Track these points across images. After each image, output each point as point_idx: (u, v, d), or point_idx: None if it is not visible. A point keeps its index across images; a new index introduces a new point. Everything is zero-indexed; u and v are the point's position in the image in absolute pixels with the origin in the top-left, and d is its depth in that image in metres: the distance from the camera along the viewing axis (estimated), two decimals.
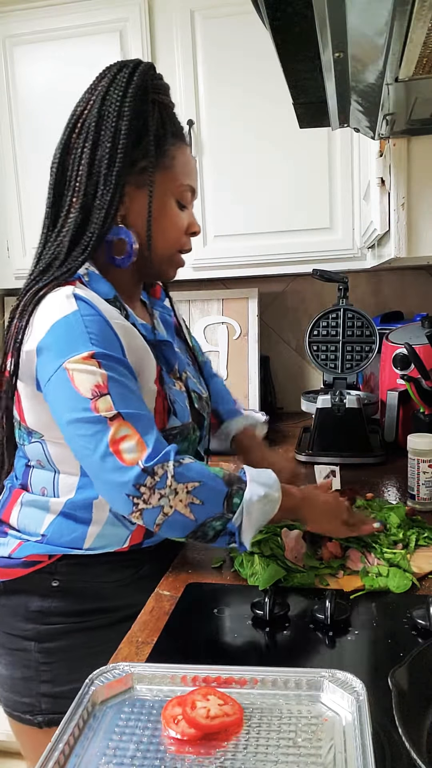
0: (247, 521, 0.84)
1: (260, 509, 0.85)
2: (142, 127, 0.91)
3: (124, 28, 1.87)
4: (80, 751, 0.58)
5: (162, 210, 0.95)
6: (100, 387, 0.82)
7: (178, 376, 1.01)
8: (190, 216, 1.00)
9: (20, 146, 2.01)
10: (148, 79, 0.92)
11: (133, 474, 0.80)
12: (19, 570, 0.95)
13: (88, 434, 0.82)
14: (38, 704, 0.96)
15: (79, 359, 0.82)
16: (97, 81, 0.93)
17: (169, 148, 0.95)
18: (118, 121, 0.89)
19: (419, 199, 1.14)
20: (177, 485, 0.81)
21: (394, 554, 0.95)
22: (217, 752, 0.58)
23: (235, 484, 0.85)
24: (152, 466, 0.80)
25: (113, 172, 0.90)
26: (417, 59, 0.73)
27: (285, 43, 0.72)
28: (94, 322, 0.84)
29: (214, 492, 0.83)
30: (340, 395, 1.54)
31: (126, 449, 0.81)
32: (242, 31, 1.78)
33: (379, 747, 0.58)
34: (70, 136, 0.94)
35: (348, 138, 1.79)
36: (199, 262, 1.94)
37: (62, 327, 0.84)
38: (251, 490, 0.85)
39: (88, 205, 0.92)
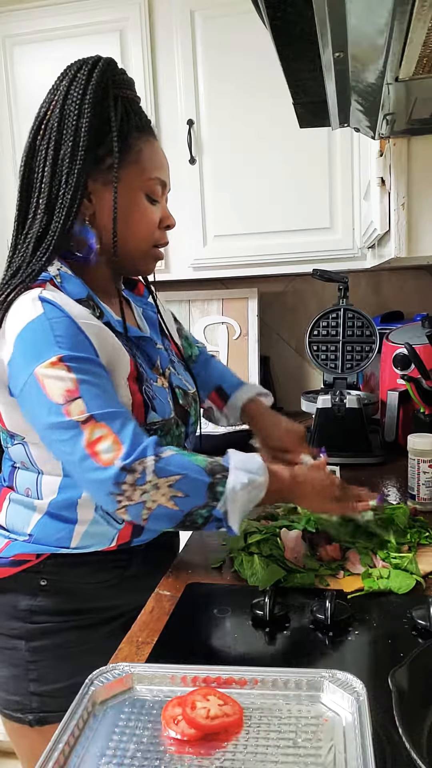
0: (232, 508, 0.84)
1: (244, 496, 0.85)
2: (104, 123, 0.90)
3: (124, 28, 1.87)
4: (80, 751, 0.58)
5: (130, 205, 0.94)
6: (70, 391, 0.82)
7: (161, 372, 1.02)
8: (164, 209, 0.99)
9: (20, 146, 2.00)
10: (109, 75, 0.92)
11: (112, 473, 0.80)
12: (7, 569, 0.95)
13: (65, 439, 0.82)
14: (28, 703, 0.97)
15: (47, 365, 0.82)
16: (58, 81, 0.93)
17: (134, 142, 0.93)
18: (79, 120, 0.89)
19: (419, 199, 1.14)
20: (158, 480, 0.81)
21: (402, 558, 0.94)
22: (217, 752, 0.58)
23: (218, 473, 0.84)
24: (131, 464, 0.80)
25: (74, 170, 0.89)
26: (417, 59, 0.73)
27: (285, 43, 0.72)
28: (60, 325, 0.84)
29: (196, 483, 0.83)
30: (340, 395, 1.54)
31: (102, 450, 0.81)
32: (242, 31, 1.78)
33: (379, 747, 0.58)
34: (35, 138, 0.94)
35: (348, 138, 1.79)
36: (199, 262, 1.94)
37: (29, 333, 0.84)
38: (235, 478, 0.84)
39: (51, 205, 0.91)
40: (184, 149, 1.88)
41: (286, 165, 1.84)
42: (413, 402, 1.56)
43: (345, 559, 0.98)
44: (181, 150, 1.88)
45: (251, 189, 1.88)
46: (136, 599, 0.94)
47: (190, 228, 1.92)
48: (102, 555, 0.96)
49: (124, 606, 0.98)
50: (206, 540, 1.13)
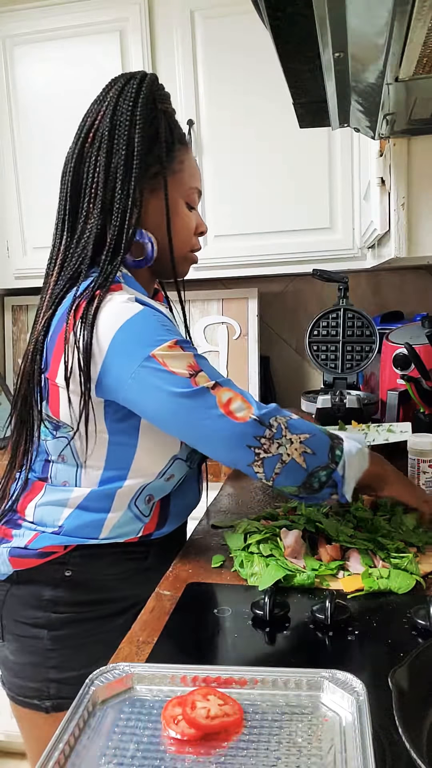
0: (348, 473, 0.92)
1: (357, 462, 0.93)
2: (154, 134, 0.97)
3: (124, 28, 1.87)
4: (80, 751, 0.58)
5: (174, 212, 1.01)
6: (192, 366, 0.89)
7: None
8: (198, 216, 1.07)
9: (20, 146, 2.01)
10: (155, 90, 0.98)
11: (250, 427, 0.88)
12: (34, 560, 0.98)
13: (196, 406, 0.88)
14: (46, 689, 0.99)
15: (165, 347, 0.88)
16: (105, 92, 0.99)
17: (177, 153, 1.01)
18: (131, 130, 0.95)
19: (419, 199, 1.14)
20: (292, 435, 0.89)
21: (402, 558, 0.94)
22: (217, 752, 0.58)
23: (335, 438, 0.93)
24: (267, 419, 0.88)
25: (130, 178, 0.95)
26: (417, 59, 0.73)
27: (285, 43, 0.72)
28: (163, 317, 0.92)
29: (322, 443, 0.91)
30: (341, 395, 1.55)
31: (236, 409, 0.88)
32: (242, 31, 1.78)
33: (379, 747, 0.58)
34: (83, 146, 0.98)
35: (348, 138, 1.79)
36: (199, 262, 1.94)
37: (134, 326, 0.89)
38: (349, 444, 0.93)
39: (106, 211, 0.96)
40: None
41: (286, 165, 1.84)
42: (413, 402, 1.56)
43: (345, 559, 0.98)
44: None
45: (251, 189, 1.88)
46: (149, 591, 0.96)
47: None
48: (124, 546, 1.00)
49: (137, 597, 0.99)
50: (206, 540, 1.13)
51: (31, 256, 2.06)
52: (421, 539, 1.01)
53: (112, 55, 1.89)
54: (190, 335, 1.20)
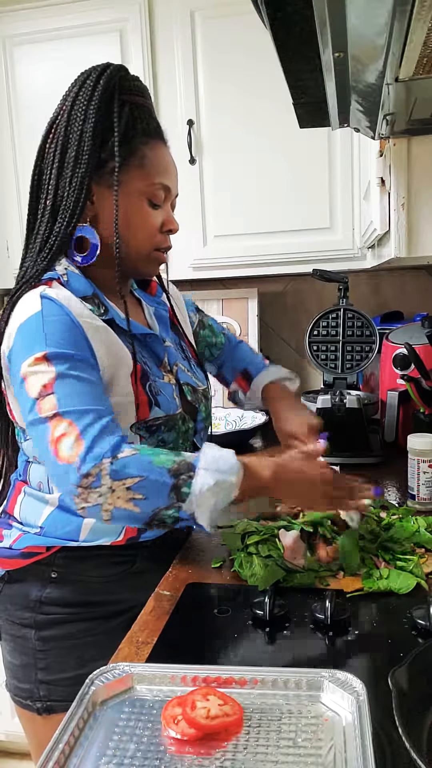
0: (200, 510, 0.82)
1: (211, 498, 0.82)
2: (108, 128, 0.92)
3: (124, 28, 1.87)
4: (80, 751, 0.58)
5: (131, 209, 0.95)
6: (46, 387, 0.83)
7: (168, 368, 1.04)
8: (167, 214, 0.99)
9: (20, 146, 2.01)
10: (116, 81, 0.93)
11: (69, 473, 0.80)
12: (20, 561, 0.99)
13: (36, 435, 0.84)
14: (36, 691, 0.99)
15: (32, 361, 0.84)
16: (69, 88, 0.96)
17: (138, 147, 0.94)
18: (84, 124, 0.92)
19: (419, 199, 1.14)
20: (113, 483, 0.80)
21: (408, 561, 0.94)
22: (217, 752, 0.58)
23: (183, 474, 0.81)
24: (86, 466, 0.79)
25: (78, 173, 0.92)
26: (417, 59, 0.73)
27: (285, 43, 0.72)
28: (54, 322, 0.86)
29: (157, 485, 0.80)
30: (340, 395, 1.54)
31: (64, 446, 0.81)
32: (242, 32, 1.78)
33: (379, 747, 0.58)
34: (44, 142, 0.97)
35: (348, 138, 1.79)
36: (199, 262, 1.94)
37: (24, 330, 0.87)
38: (202, 480, 0.81)
39: (56, 207, 0.94)
40: (184, 149, 1.88)
41: (286, 165, 1.84)
42: (413, 402, 1.56)
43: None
44: (181, 150, 1.88)
45: (251, 189, 1.88)
46: (142, 595, 0.95)
47: (190, 228, 1.92)
48: (110, 549, 0.98)
49: (130, 601, 0.99)
50: (206, 540, 1.13)
51: None
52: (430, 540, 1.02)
53: (112, 55, 1.89)
54: (184, 331, 1.16)
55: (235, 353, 1.31)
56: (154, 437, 0.96)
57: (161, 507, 0.82)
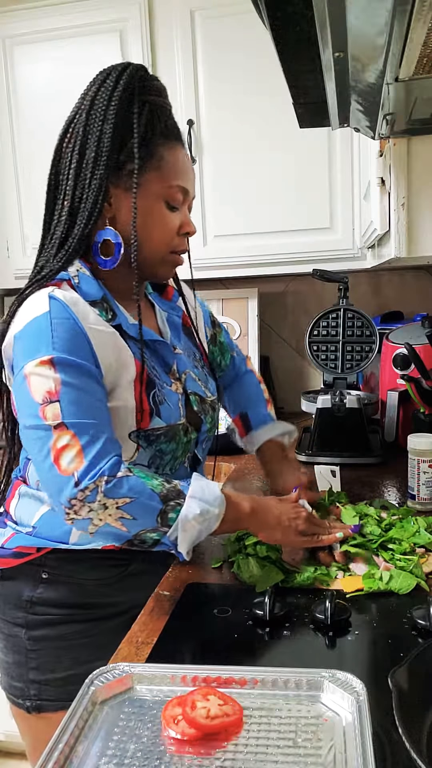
0: (183, 536, 0.85)
1: (196, 526, 0.86)
2: (127, 129, 0.91)
3: (124, 28, 1.87)
4: (80, 751, 0.58)
5: (149, 211, 0.94)
6: (51, 393, 0.83)
7: (177, 376, 1.02)
8: (184, 216, 0.98)
9: (20, 146, 2.01)
10: (136, 81, 0.92)
11: (67, 487, 0.82)
12: (11, 560, 0.99)
13: (35, 438, 0.85)
14: (27, 690, 1.00)
15: (37, 363, 0.84)
16: (88, 86, 0.94)
17: (157, 149, 0.93)
18: (103, 125, 0.90)
19: (419, 199, 1.14)
20: (107, 500, 0.82)
21: (408, 561, 0.94)
22: (217, 752, 0.58)
23: (172, 500, 0.85)
24: (85, 482, 0.82)
25: (97, 175, 0.91)
26: (417, 59, 0.73)
27: (285, 43, 0.72)
28: (61, 325, 0.86)
29: (146, 508, 0.84)
30: (340, 395, 1.54)
31: (65, 459, 0.82)
32: (242, 31, 1.78)
33: (379, 747, 0.58)
34: (62, 142, 0.96)
35: (348, 138, 1.79)
36: (199, 262, 1.93)
37: (31, 328, 0.86)
38: (188, 508, 0.85)
39: (74, 208, 0.93)
40: None
41: (286, 165, 1.84)
42: (413, 402, 1.56)
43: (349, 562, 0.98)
44: None
45: (251, 189, 1.88)
46: (136, 597, 0.95)
47: None
48: (102, 552, 0.97)
49: (124, 603, 0.99)
50: (206, 540, 1.13)
51: (31, 256, 2.04)
52: None
53: (112, 55, 1.89)
54: (198, 336, 1.15)
55: (240, 386, 1.29)
56: (152, 447, 0.95)
57: (146, 528, 0.85)
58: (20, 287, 0.96)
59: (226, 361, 1.28)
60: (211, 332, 1.24)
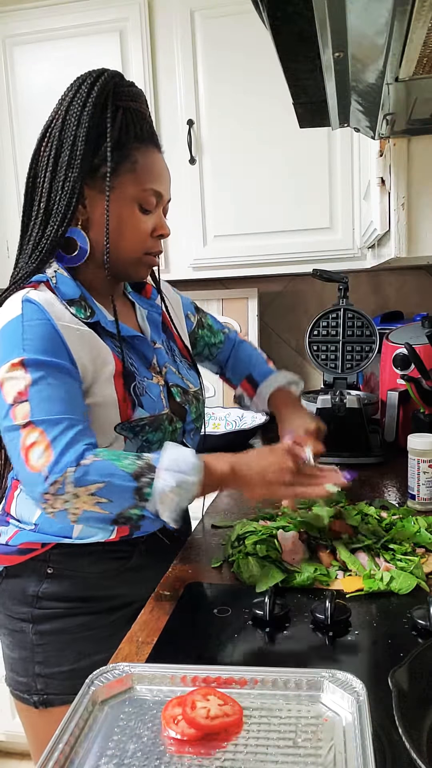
0: (163, 507, 0.85)
1: (174, 497, 0.85)
2: (101, 133, 0.93)
3: (124, 28, 1.87)
4: (80, 751, 0.58)
5: (122, 214, 0.96)
6: (21, 394, 0.85)
7: (158, 370, 1.05)
8: (158, 219, 1.00)
9: (20, 146, 2.01)
10: (110, 86, 0.94)
11: (38, 483, 0.84)
12: (17, 557, 1.01)
13: (8, 440, 0.87)
14: (34, 684, 1.01)
15: (9, 366, 0.86)
16: (65, 92, 0.97)
17: (131, 152, 0.95)
18: (78, 129, 0.93)
19: (419, 199, 1.14)
20: (77, 490, 0.83)
21: (409, 562, 0.94)
22: (217, 752, 0.58)
23: (145, 476, 0.85)
24: (52, 476, 0.83)
25: (70, 177, 0.93)
26: (417, 59, 0.74)
27: (285, 43, 0.72)
28: (34, 327, 0.87)
29: (120, 489, 0.84)
30: (341, 395, 1.54)
31: (33, 455, 0.84)
32: (242, 31, 1.78)
33: (379, 747, 0.58)
34: (39, 147, 0.98)
35: (348, 138, 1.79)
36: (199, 262, 1.94)
37: (4, 334, 0.88)
38: (163, 481, 0.84)
39: (49, 210, 0.96)
40: (184, 149, 1.88)
41: (286, 165, 1.84)
42: (413, 402, 1.56)
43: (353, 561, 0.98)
44: (181, 150, 1.88)
45: (251, 189, 1.88)
46: (139, 590, 0.98)
47: (190, 228, 1.92)
48: (104, 546, 0.99)
49: (127, 596, 1.01)
50: (206, 540, 1.13)
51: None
52: None
53: (112, 55, 1.89)
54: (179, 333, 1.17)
55: (238, 355, 1.32)
56: (138, 438, 0.96)
57: (126, 507, 0.85)
58: None
59: (219, 339, 1.32)
60: (197, 318, 1.28)
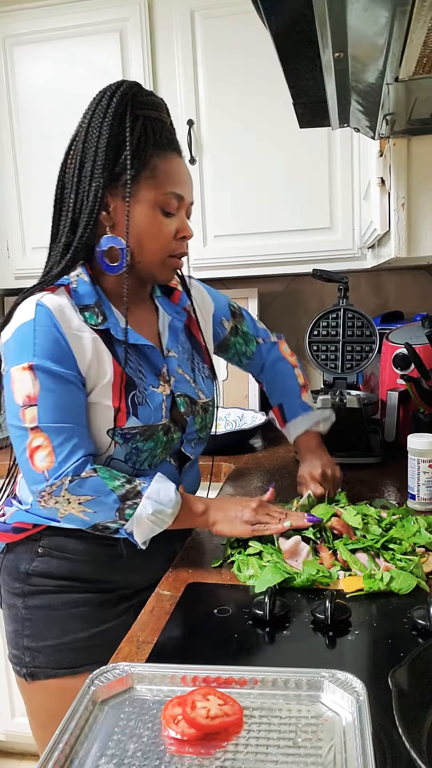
0: (138, 531, 0.97)
1: (149, 524, 0.97)
2: (121, 142, 0.97)
3: (124, 28, 1.87)
4: (80, 751, 0.58)
5: (144, 218, 1.00)
6: (30, 398, 0.94)
7: (167, 379, 1.08)
8: (180, 221, 1.03)
9: (20, 146, 2.01)
10: (129, 97, 0.98)
11: (38, 481, 0.95)
12: (12, 535, 1.07)
13: (15, 436, 0.97)
14: (23, 656, 1.07)
15: (20, 368, 0.94)
16: (89, 106, 1.01)
17: (150, 159, 0.99)
18: (99, 140, 0.97)
19: (419, 199, 1.14)
20: (70, 496, 0.95)
21: (409, 562, 0.94)
22: (217, 752, 0.58)
23: (130, 500, 0.96)
24: (52, 479, 0.94)
25: (93, 186, 0.98)
26: (417, 59, 0.73)
27: (285, 43, 0.72)
28: (44, 333, 0.94)
29: (104, 505, 0.95)
30: (340, 395, 1.54)
31: (38, 457, 0.94)
32: (242, 31, 1.78)
33: (379, 747, 0.58)
34: (66, 157, 1.03)
35: (348, 138, 1.79)
36: (199, 262, 1.94)
37: (17, 334, 0.95)
38: (143, 508, 0.96)
39: (76, 218, 1.00)
40: (184, 149, 1.88)
41: (286, 165, 1.84)
42: (413, 402, 1.56)
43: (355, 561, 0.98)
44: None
45: (251, 189, 1.88)
46: (126, 575, 1.06)
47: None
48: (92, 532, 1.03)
49: (113, 582, 1.07)
50: (206, 540, 1.13)
51: (30, 256, 2.06)
52: None
53: (112, 55, 1.89)
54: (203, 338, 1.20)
55: (274, 377, 1.37)
56: (128, 444, 1.00)
57: (106, 520, 0.97)
58: (20, 287, 1.01)
59: (251, 349, 1.36)
60: (231, 324, 1.31)
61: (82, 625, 1.05)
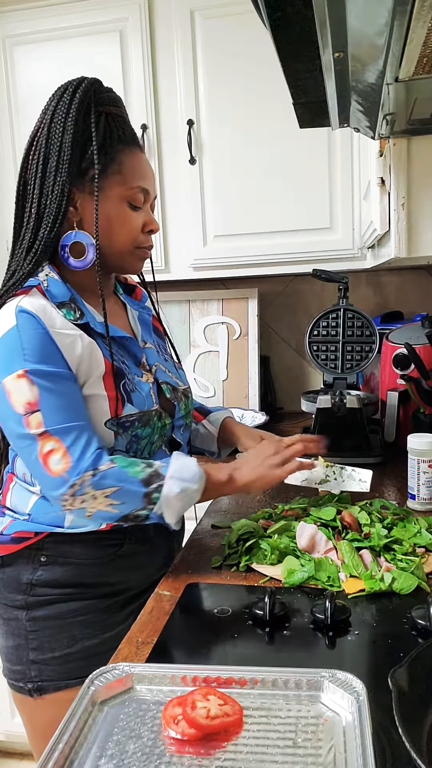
0: (168, 511, 0.96)
1: (178, 502, 0.96)
2: (87, 138, 0.98)
3: (124, 28, 1.87)
4: (80, 751, 0.58)
5: (113, 212, 1.01)
6: (31, 404, 0.92)
7: (147, 368, 1.10)
8: (147, 215, 1.05)
9: (20, 146, 2.00)
10: (91, 93, 0.99)
11: (59, 486, 0.93)
12: (11, 546, 1.04)
13: (24, 446, 0.95)
14: (28, 671, 1.03)
15: (14, 377, 0.92)
16: (48, 102, 1.01)
17: (116, 154, 1.00)
18: (63, 136, 0.97)
19: (419, 199, 1.14)
20: (95, 492, 0.93)
21: (410, 562, 0.94)
22: (217, 752, 0.58)
23: (154, 483, 0.95)
24: (72, 479, 0.92)
25: (59, 181, 0.98)
26: (417, 59, 0.73)
27: (285, 43, 0.72)
28: (31, 337, 0.93)
29: (131, 494, 0.94)
30: (340, 395, 1.54)
31: (52, 461, 0.92)
32: (242, 31, 1.78)
33: (379, 747, 0.58)
34: (27, 154, 1.02)
35: (348, 138, 1.79)
36: (199, 262, 1.94)
37: (3, 343, 0.93)
38: (169, 488, 0.95)
39: (40, 214, 1.00)
40: (184, 149, 1.88)
41: (286, 165, 1.84)
42: (413, 402, 1.56)
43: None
44: (181, 150, 1.89)
45: (251, 189, 1.88)
46: (129, 578, 1.04)
47: (190, 228, 1.92)
48: (96, 534, 1.02)
49: (119, 583, 1.05)
50: (206, 540, 1.13)
51: None
52: None
53: (112, 55, 1.89)
54: (168, 335, 1.23)
55: None
56: (128, 432, 1.00)
57: (135, 509, 0.95)
58: None
59: None
60: None
61: (91, 631, 1.02)
